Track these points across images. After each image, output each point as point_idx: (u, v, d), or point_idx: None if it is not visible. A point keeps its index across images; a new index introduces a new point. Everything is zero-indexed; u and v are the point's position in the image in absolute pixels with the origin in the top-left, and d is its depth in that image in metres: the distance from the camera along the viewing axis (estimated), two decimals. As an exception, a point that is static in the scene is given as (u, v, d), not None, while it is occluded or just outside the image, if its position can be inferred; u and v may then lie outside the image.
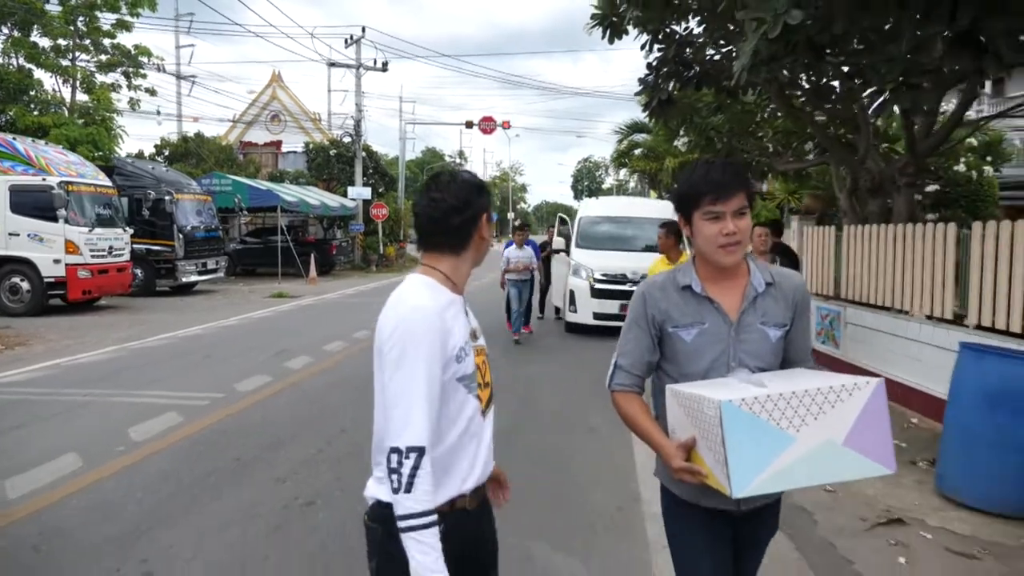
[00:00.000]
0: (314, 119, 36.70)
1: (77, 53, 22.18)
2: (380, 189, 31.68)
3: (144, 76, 23.67)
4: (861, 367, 7.04)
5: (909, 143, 7.55)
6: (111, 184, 15.14)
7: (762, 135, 11.79)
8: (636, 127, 24.64)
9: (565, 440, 5.83)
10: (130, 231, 15.15)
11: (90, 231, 13.44)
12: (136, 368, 8.44)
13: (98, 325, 12.06)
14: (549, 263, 13.27)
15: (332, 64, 28.61)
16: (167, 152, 28.64)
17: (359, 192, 27.56)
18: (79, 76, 22.15)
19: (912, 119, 7.00)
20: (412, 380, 1.59)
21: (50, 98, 22.01)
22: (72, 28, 21.56)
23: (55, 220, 12.89)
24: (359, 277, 24.43)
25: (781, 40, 4.82)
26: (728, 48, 8.04)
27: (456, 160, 65.11)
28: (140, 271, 16.32)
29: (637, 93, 8.76)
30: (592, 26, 8.00)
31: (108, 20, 22.12)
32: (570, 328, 11.57)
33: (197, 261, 17.65)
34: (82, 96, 22.46)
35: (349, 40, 27.85)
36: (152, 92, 24.20)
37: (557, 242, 13.03)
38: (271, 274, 22.03)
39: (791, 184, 15.74)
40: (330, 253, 24.96)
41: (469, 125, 32.81)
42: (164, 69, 25.56)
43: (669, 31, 8.17)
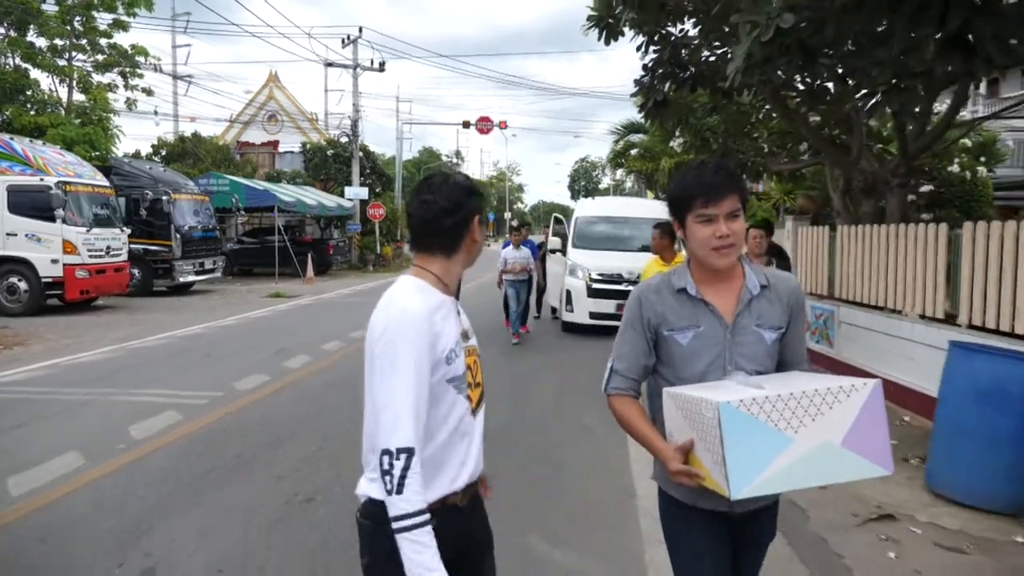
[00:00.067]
0: (311, 119, 36.71)
1: (74, 53, 22.14)
2: (377, 189, 31.73)
3: (141, 76, 23.68)
4: (854, 366, 7.12)
5: (901, 144, 7.62)
6: (108, 184, 15.17)
7: (757, 136, 11.84)
8: (632, 127, 24.62)
9: (561, 437, 5.89)
10: (127, 231, 15.18)
11: (88, 231, 13.47)
12: (135, 367, 8.48)
13: (96, 325, 12.09)
14: (544, 263, 13.30)
15: (329, 64, 28.59)
16: (164, 152, 28.61)
17: (356, 192, 27.62)
18: (76, 76, 22.13)
19: (904, 121, 7.07)
20: (401, 382, 1.62)
21: (47, 98, 21.98)
22: (69, 28, 21.53)
23: (53, 220, 12.93)
24: (356, 277, 24.46)
25: (774, 43, 4.89)
26: (723, 50, 8.09)
27: (453, 160, 65.09)
28: (137, 271, 16.34)
29: (633, 94, 8.82)
30: (588, 27, 8.06)
31: (105, 20, 22.11)
32: (566, 328, 11.62)
33: (194, 261, 17.68)
34: (79, 96, 22.45)
35: (346, 40, 27.85)
36: (149, 92, 24.23)
37: (553, 242, 13.06)
38: (268, 274, 22.05)
39: (786, 184, 15.81)
40: (327, 253, 24.99)
41: (466, 125, 32.81)
42: (161, 69, 25.56)
43: (664, 33, 8.23)
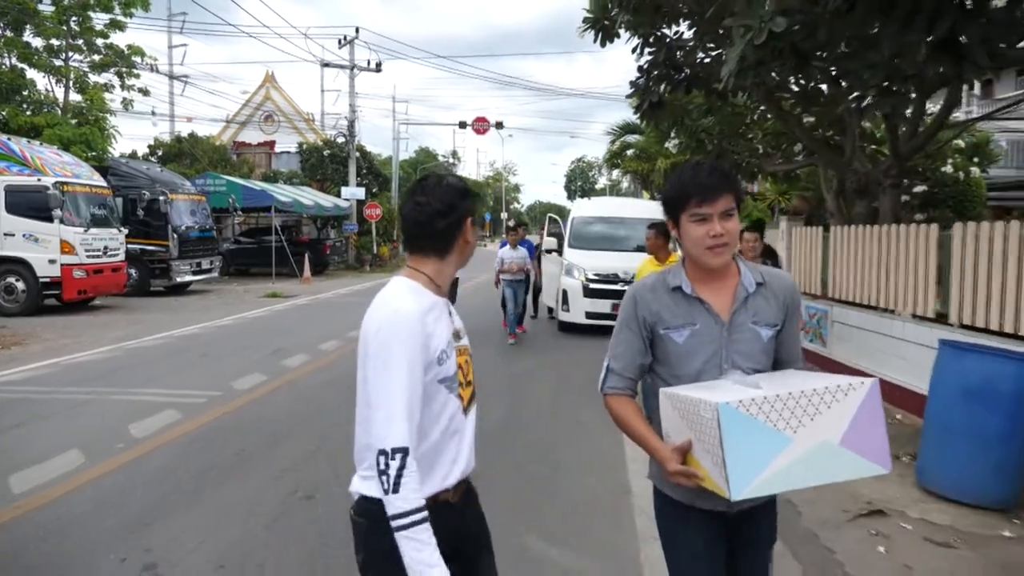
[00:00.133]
0: (307, 119, 36.75)
1: (70, 53, 22.17)
2: (374, 189, 31.79)
3: (137, 76, 23.73)
4: (847, 365, 7.19)
5: (893, 145, 7.70)
6: (106, 184, 15.20)
7: (752, 137, 11.93)
8: (628, 128, 24.71)
9: (557, 436, 5.95)
10: (125, 231, 15.20)
11: (85, 231, 13.49)
12: (133, 367, 8.52)
13: (93, 325, 12.12)
14: (540, 263, 13.34)
15: (326, 64, 28.59)
16: (160, 152, 28.63)
17: (353, 192, 27.65)
18: (72, 76, 22.14)
19: (895, 123, 7.16)
20: (395, 383, 1.64)
21: (43, 98, 22.00)
22: (65, 28, 21.55)
23: (50, 220, 12.96)
24: (353, 277, 24.50)
25: (767, 46, 4.96)
26: (718, 52, 8.16)
27: (450, 160, 65.07)
28: (135, 271, 16.35)
29: (629, 96, 8.89)
30: (584, 29, 8.13)
31: (101, 20, 22.15)
32: (563, 327, 11.69)
33: (191, 261, 17.70)
34: (75, 96, 22.47)
35: (343, 40, 27.87)
36: (145, 92, 24.26)
37: (548, 242, 13.12)
38: (265, 274, 22.09)
39: (781, 185, 15.92)
40: (324, 253, 25.02)
41: (463, 125, 32.79)
42: (157, 69, 25.59)
43: (660, 35, 8.30)
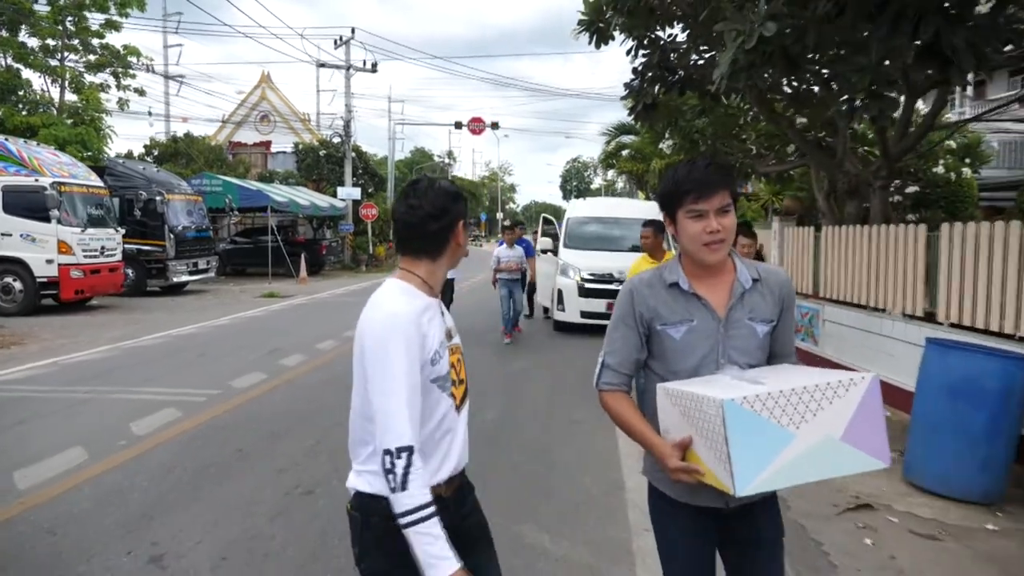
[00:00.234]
0: (303, 119, 36.78)
1: (66, 53, 22.16)
2: (369, 189, 31.86)
3: (133, 76, 23.74)
4: (839, 363, 7.30)
5: (883, 147, 7.82)
6: (103, 185, 15.23)
7: (745, 138, 12.04)
8: (623, 129, 24.82)
9: (552, 434, 6.03)
10: (122, 231, 15.25)
11: (82, 231, 13.54)
12: (132, 366, 8.58)
13: (91, 324, 12.17)
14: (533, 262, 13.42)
15: (321, 65, 28.65)
16: (156, 152, 28.64)
17: (348, 192, 27.71)
18: (68, 76, 22.14)
19: (883, 125, 7.27)
20: (395, 384, 1.69)
21: (39, 98, 21.99)
22: (61, 28, 21.55)
23: (48, 220, 13.01)
24: (349, 277, 24.56)
25: (758, 50, 5.07)
26: (711, 54, 8.25)
27: (445, 160, 65.12)
28: (131, 271, 16.38)
29: (623, 97, 8.96)
30: (579, 32, 8.20)
31: (97, 20, 22.16)
32: (558, 327, 11.79)
33: (188, 261, 17.74)
34: (71, 96, 22.48)
35: (339, 41, 27.93)
36: (141, 92, 24.24)
37: (543, 242, 13.21)
38: (261, 274, 22.13)
39: (774, 186, 16.06)
40: (320, 253, 25.06)
41: (458, 126, 32.86)
42: (153, 69, 25.59)
43: (654, 37, 8.38)
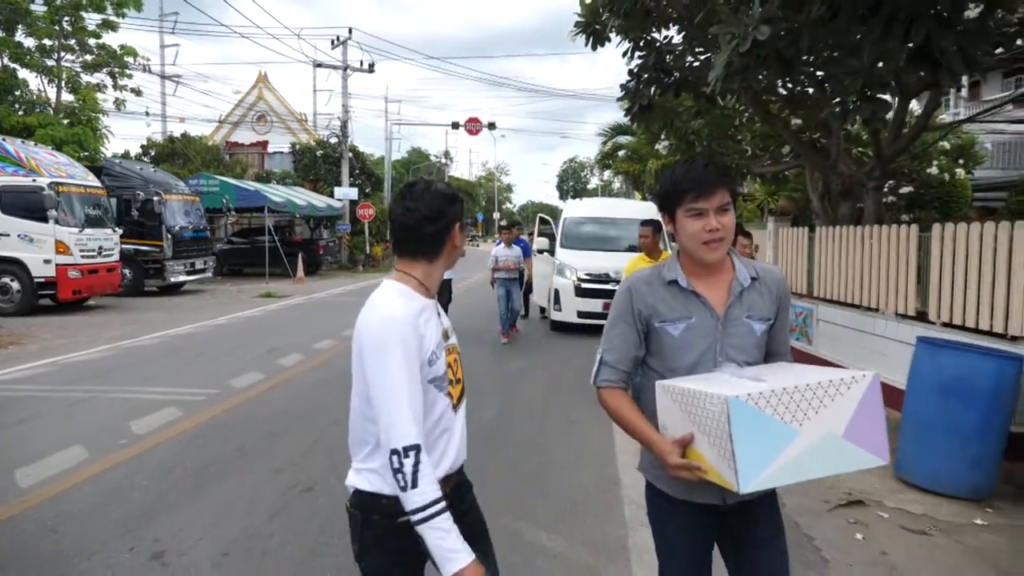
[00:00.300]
0: (300, 120, 36.77)
1: (62, 53, 22.18)
2: (366, 189, 31.90)
3: (130, 76, 23.74)
4: (832, 362, 7.37)
5: (876, 148, 7.89)
6: (100, 185, 15.25)
7: (740, 139, 12.10)
8: (620, 129, 24.89)
9: (548, 433, 6.09)
10: (119, 231, 15.27)
11: (80, 231, 13.56)
12: (130, 366, 8.62)
13: (89, 324, 12.19)
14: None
15: (318, 65, 28.68)
16: (153, 152, 28.63)
17: (346, 192, 27.74)
18: (64, 76, 22.16)
19: (876, 127, 7.34)
20: (397, 385, 1.71)
21: (35, 98, 22.02)
22: (57, 28, 21.56)
23: (45, 221, 13.02)
24: (346, 277, 24.60)
25: (752, 53, 5.13)
26: (706, 56, 8.31)
27: (442, 160, 65.17)
28: (129, 271, 16.41)
29: (619, 98, 9.01)
30: (576, 33, 8.25)
31: (93, 20, 22.17)
32: (555, 326, 11.85)
33: (185, 261, 17.76)
34: (67, 96, 22.52)
35: (336, 41, 27.96)
36: (138, 92, 24.27)
37: (540, 242, 13.27)
38: (258, 274, 22.15)
39: (770, 186, 16.15)
40: (317, 253, 25.10)
41: (455, 126, 32.95)
42: (150, 69, 25.60)
43: (650, 39, 8.44)
